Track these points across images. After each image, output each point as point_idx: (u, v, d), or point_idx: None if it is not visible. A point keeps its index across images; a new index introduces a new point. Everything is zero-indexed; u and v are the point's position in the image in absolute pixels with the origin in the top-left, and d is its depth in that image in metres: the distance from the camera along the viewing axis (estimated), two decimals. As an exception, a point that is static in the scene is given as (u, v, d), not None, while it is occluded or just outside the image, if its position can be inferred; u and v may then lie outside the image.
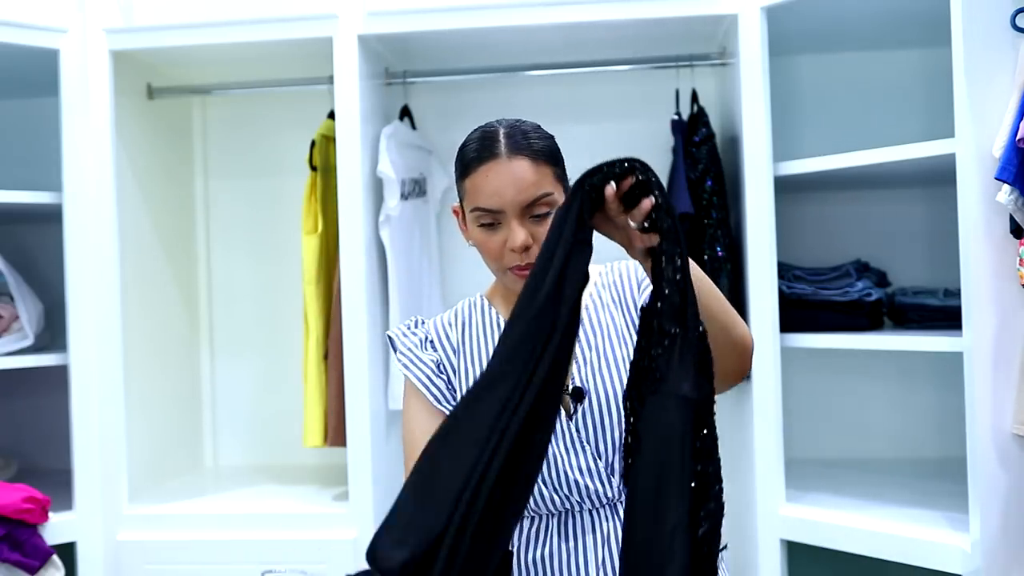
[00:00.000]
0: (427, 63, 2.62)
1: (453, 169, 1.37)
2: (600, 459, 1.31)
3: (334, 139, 2.38)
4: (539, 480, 1.32)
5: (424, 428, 1.32)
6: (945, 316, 2.26)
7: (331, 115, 2.48)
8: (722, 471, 0.98)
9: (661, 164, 2.56)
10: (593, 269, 1.40)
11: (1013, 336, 1.75)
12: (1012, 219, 1.72)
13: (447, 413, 1.23)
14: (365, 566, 0.91)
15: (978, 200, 1.77)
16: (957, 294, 1.91)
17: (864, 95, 2.60)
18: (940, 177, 2.02)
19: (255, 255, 2.83)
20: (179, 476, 2.67)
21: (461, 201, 1.35)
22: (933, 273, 2.51)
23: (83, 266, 2.29)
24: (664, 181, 2.53)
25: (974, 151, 1.77)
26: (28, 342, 2.37)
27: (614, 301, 1.39)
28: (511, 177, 1.27)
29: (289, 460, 2.78)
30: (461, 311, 1.44)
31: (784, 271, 2.36)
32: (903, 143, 2.03)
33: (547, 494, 1.33)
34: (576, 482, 1.31)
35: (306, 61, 2.46)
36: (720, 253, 2.33)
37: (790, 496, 2.19)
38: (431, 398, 1.36)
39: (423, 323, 1.44)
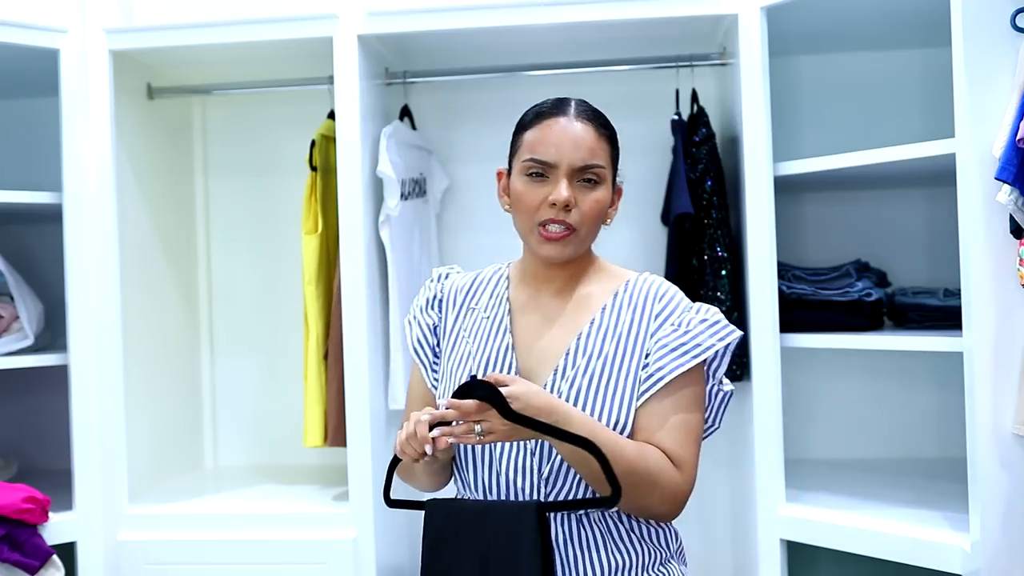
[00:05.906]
0: (427, 63, 2.62)
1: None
2: (534, 456, 1.31)
3: (334, 139, 2.38)
4: (471, 460, 1.35)
5: (414, 390, 1.48)
6: (945, 316, 2.26)
7: (331, 115, 2.48)
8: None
9: (661, 164, 2.56)
10: (620, 276, 1.40)
11: (1013, 336, 1.75)
12: (1012, 219, 1.71)
13: (431, 379, 1.43)
14: None
15: (978, 200, 1.77)
16: (957, 294, 1.91)
17: (864, 95, 2.60)
18: (940, 177, 2.02)
19: (255, 255, 2.83)
20: (179, 476, 2.67)
21: (511, 159, 1.37)
22: (933, 273, 2.51)
23: (83, 266, 2.29)
24: (664, 181, 2.54)
25: (974, 151, 1.77)
26: (28, 342, 2.37)
27: (626, 327, 1.34)
28: (573, 135, 1.31)
29: (289, 460, 2.78)
30: (484, 276, 1.47)
31: (784, 271, 2.36)
32: (903, 143, 2.02)
33: (478, 476, 1.35)
34: (505, 474, 1.32)
35: (306, 61, 2.47)
36: (720, 253, 2.33)
37: (790, 496, 2.19)
38: (418, 362, 1.44)
39: (446, 278, 1.49)
